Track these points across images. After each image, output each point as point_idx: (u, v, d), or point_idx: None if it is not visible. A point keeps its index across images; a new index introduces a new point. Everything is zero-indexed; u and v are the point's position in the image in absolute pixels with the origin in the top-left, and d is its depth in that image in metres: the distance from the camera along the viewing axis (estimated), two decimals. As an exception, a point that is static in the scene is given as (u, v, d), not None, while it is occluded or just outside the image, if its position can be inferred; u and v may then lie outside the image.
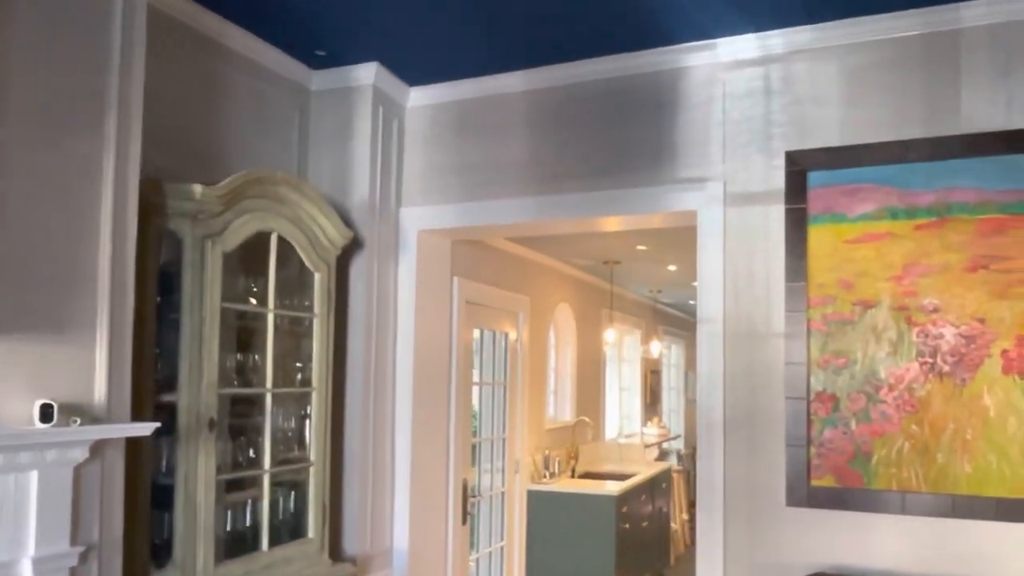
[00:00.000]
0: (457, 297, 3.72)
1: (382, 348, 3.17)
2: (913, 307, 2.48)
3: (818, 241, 2.62)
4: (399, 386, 3.23)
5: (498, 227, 3.34)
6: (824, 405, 2.56)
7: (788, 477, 2.58)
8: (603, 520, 4.48)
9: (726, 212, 2.78)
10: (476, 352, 4.15)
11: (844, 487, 2.52)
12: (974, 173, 2.45)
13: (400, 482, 3.19)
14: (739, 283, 2.74)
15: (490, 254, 4.34)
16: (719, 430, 2.70)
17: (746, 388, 2.69)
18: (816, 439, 2.56)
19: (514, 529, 4.38)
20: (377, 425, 3.11)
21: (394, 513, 3.18)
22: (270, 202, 2.53)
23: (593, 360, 6.11)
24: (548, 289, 5.28)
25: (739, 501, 2.67)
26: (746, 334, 2.71)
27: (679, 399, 9.40)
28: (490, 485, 4.15)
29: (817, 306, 2.60)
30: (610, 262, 5.45)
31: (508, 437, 4.33)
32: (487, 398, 4.14)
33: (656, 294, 7.41)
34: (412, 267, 3.27)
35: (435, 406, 3.43)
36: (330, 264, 2.81)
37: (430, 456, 3.37)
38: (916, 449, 2.44)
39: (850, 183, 2.60)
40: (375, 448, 3.08)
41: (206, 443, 2.17)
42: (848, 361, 2.55)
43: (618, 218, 3.07)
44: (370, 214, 3.12)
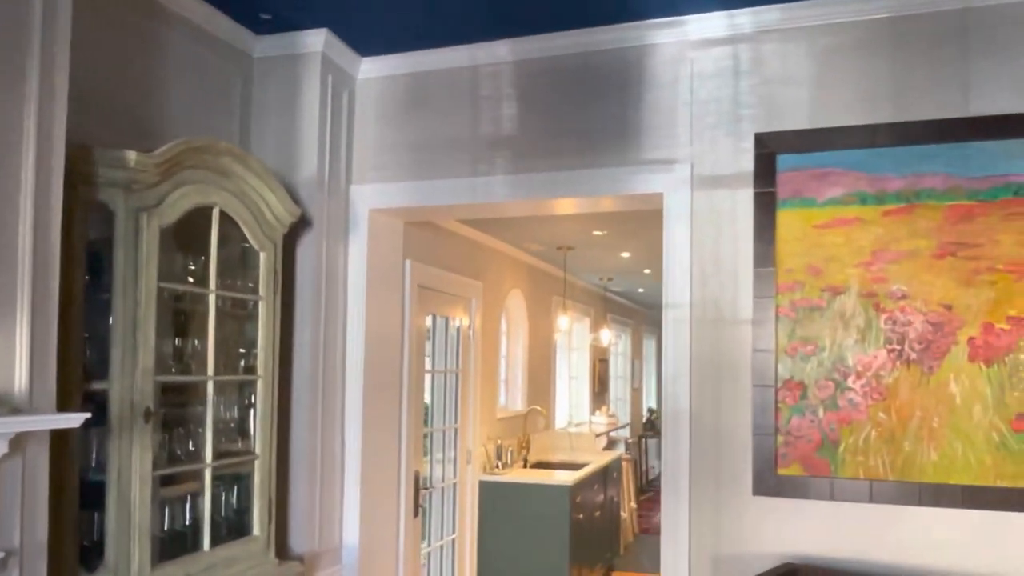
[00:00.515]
0: (409, 281, 3.58)
1: (331, 334, 3.02)
2: (882, 294, 2.47)
3: (787, 226, 2.59)
4: (349, 374, 3.08)
5: (454, 207, 3.22)
6: (792, 393, 2.54)
7: (755, 466, 2.55)
8: (557, 511, 4.42)
9: (693, 195, 2.72)
10: (428, 339, 4.02)
11: (811, 476, 2.50)
12: (943, 159, 2.45)
13: (350, 475, 3.05)
14: (706, 268, 2.69)
15: (443, 237, 4.21)
16: (684, 418, 2.66)
17: (712, 375, 2.65)
18: (783, 427, 2.54)
19: (466, 521, 4.28)
20: (326, 415, 2.96)
21: (344, 507, 3.04)
22: (212, 174, 2.35)
23: (544, 348, 6.05)
24: (501, 275, 5.18)
25: (705, 490, 2.63)
26: (713, 320, 2.67)
27: (626, 388, 9.45)
28: (442, 476, 4.04)
29: (785, 292, 2.57)
30: (564, 248, 5.37)
31: (460, 427, 4.22)
32: (439, 387, 4.02)
33: (606, 282, 7.39)
34: (363, 248, 3.12)
35: (387, 395, 3.29)
36: (276, 243, 2.64)
37: (381, 447, 3.23)
38: (883, 437, 2.44)
39: (819, 167, 2.57)
40: (324, 439, 2.93)
41: (141, 435, 2.00)
42: (816, 348, 2.53)
43: (580, 200, 2.98)
44: (318, 191, 2.95)
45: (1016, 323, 2.34)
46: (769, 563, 2.51)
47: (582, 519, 4.71)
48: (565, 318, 5.98)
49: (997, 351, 2.35)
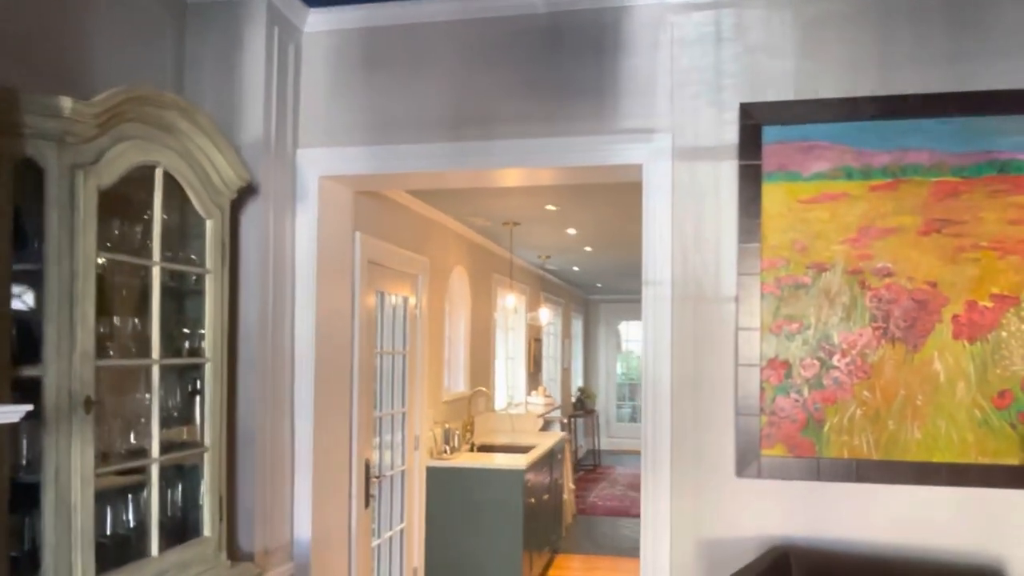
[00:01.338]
0: (359, 255, 3.36)
1: (279, 312, 2.78)
2: (867, 271, 2.45)
3: (771, 200, 2.53)
4: (299, 356, 2.85)
5: (413, 176, 3.01)
6: (776, 372, 2.50)
7: (738, 447, 2.51)
8: (510, 495, 4.31)
9: (674, 167, 2.63)
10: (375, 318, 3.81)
11: (796, 456, 2.48)
12: (928, 134, 2.44)
13: (301, 465, 2.83)
14: (687, 244, 2.61)
15: (390, 209, 3.99)
16: (665, 399, 2.58)
17: (694, 354, 2.58)
18: (767, 407, 2.50)
19: (414, 510, 4.11)
20: (274, 401, 2.73)
21: (294, 501, 2.83)
22: (155, 130, 2.08)
23: (485, 328, 5.91)
24: (445, 250, 4.99)
25: (686, 473, 2.57)
26: (694, 297, 2.60)
27: (556, 368, 9.45)
28: (390, 463, 3.86)
29: (770, 269, 2.52)
30: (510, 223, 5.23)
31: (408, 411, 4.04)
32: (386, 369, 3.82)
33: (544, 260, 7.31)
34: (312, 219, 2.89)
35: (337, 379, 3.08)
36: (224, 210, 2.39)
37: (332, 435, 3.03)
38: (868, 416, 2.44)
39: (805, 140, 2.52)
40: (272, 428, 2.71)
41: (81, 428, 1.74)
42: (801, 326, 2.49)
43: (552, 171, 2.84)
44: (264, 155, 2.70)
45: (999, 300, 2.37)
46: (753, 546, 2.48)
47: (534, 503, 4.63)
48: (512, 296, 5.85)
49: (980, 329, 2.38)
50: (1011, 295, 2.37)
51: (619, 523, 6.99)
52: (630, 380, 12.90)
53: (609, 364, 12.69)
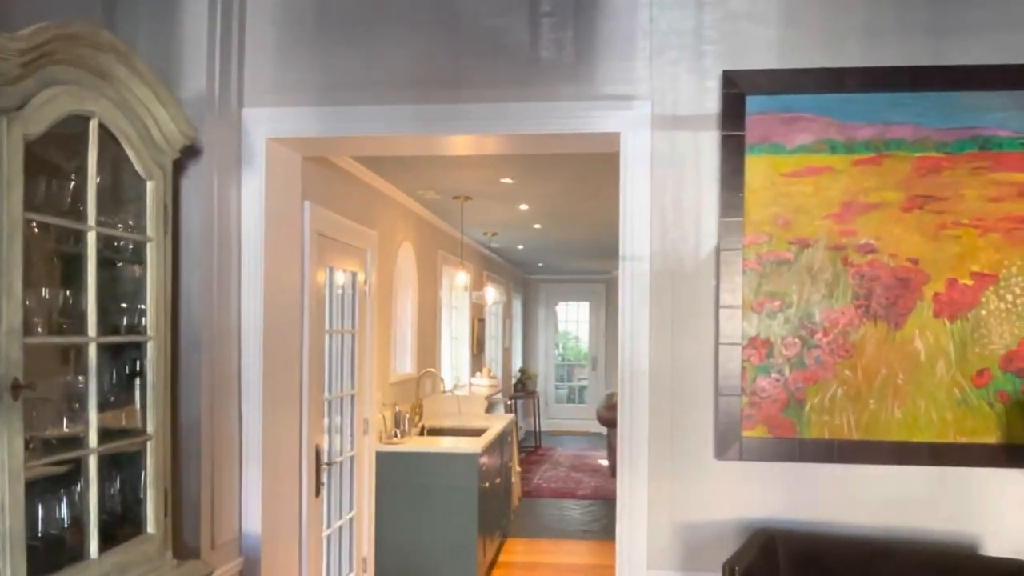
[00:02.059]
0: (308, 227, 3.15)
1: (224, 287, 2.56)
2: (850, 247, 2.41)
3: (754, 173, 2.46)
4: (246, 335, 2.64)
5: (370, 141, 2.80)
6: (757, 351, 2.45)
7: (718, 429, 2.45)
8: (465, 480, 4.18)
9: (653, 137, 2.53)
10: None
11: (776, 437, 2.43)
12: (912, 108, 2.41)
13: (250, 453, 2.63)
14: (666, 218, 2.52)
15: (339, 177, 3.77)
16: (643, 379, 2.49)
17: (672, 333, 2.50)
18: (748, 388, 2.44)
19: (363, 497, 3.94)
20: (221, 385, 2.52)
21: (243, 491, 2.63)
22: (89, 75, 1.84)
23: (431, 307, 5.74)
24: (394, 225, 4.79)
25: (663, 455, 2.49)
26: (673, 274, 2.51)
27: (498, 348, 9.35)
28: (339, 449, 3.67)
29: (752, 244, 2.45)
30: (462, 197, 5.06)
31: (357, 393, 3.85)
32: (335, 349, 3.62)
33: (491, 237, 7.16)
34: (260, 185, 2.67)
35: (286, 360, 2.88)
36: (166, 171, 2.15)
37: (282, 420, 2.83)
38: (849, 395, 2.41)
39: (788, 111, 2.45)
40: (218, 413, 2.50)
41: (9, 416, 1.52)
42: (783, 304, 2.44)
43: (521, 138, 2.69)
44: (207, 113, 2.47)
45: (979, 278, 2.37)
46: (733, 529, 2.43)
47: (488, 488, 4.52)
48: (463, 273, 5.69)
49: (961, 307, 2.37)
50: (991, 273, 2.36)
51: (565, 505, 6.97)
52: (567, 361, 12.93)
53: (548, 345, 12.68)
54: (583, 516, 6.59)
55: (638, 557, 2.49)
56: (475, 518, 4.19)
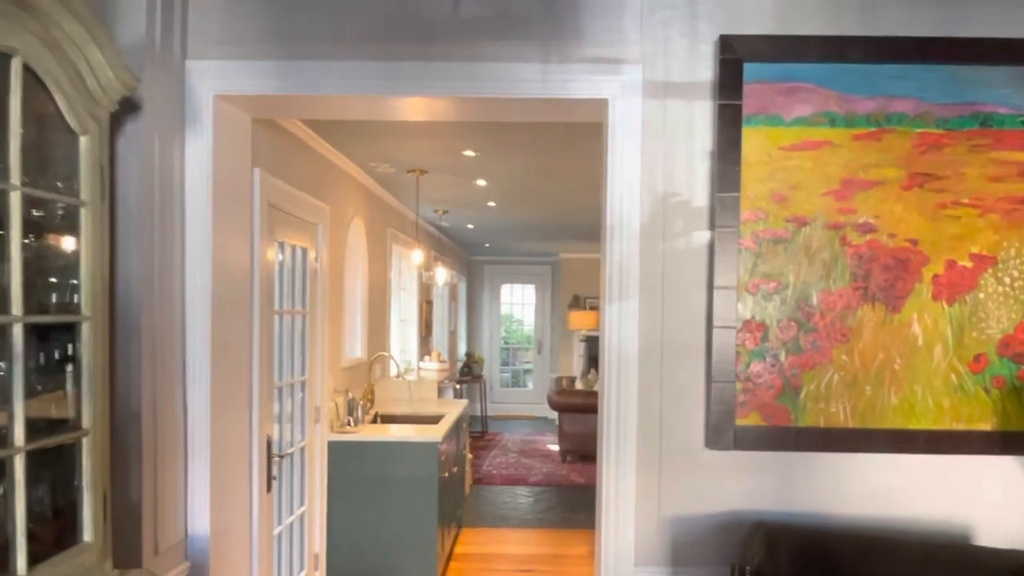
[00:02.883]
0: (259, 197, 2.89)
1: (167, 261, 2.30)
2: (849, 226, 2.31)
3: (751, 146, 2.33)
4: (191, 317, 2.38)
5: (331, 102, 2.55)
6: (752, 335, 2.33)
7: (710, 417, 2.33)
8: (425, 470, 3.98)
9: (643, 105, 2.38)
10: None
11: (771, 425, 2.33)
12: (913, 82, 2.32)
13: (196, 447, 2.38)
14: (656, 192, 2.37)
15: (290, 145, 3.50)
16: (632, 365, 2.35)
17: (662, 315, 2.37)
18: (743, 373, 2.33)
19: (315, 490, 3.70)
20: (163, 371, 2.26)
21: (189, 489, 2.38)
22: (9, 5, 1.56)
23: (380, 287, 5.49)
24: (345, 199, 4.52)
25: (651, 446, 2.37)
26: (663, 253, 2.37)
27: (444, 331, 9.14)
28: (290, 439, 3.43)
29: (748, 222, 2.33)
30: (417, 171, 4.82)
31: (308, 379, 3.61)
32: (285, 331, 3.37)
33: (441, 215, 6.92)
34: (206, 148, 2.40)
35: (235, 344, 2.63)
36: (102, 125, 1.88)
37: (231, 410, 2.58)
38: (845, 382, 2.32)
39: (787, 80, 2.33)
40: (161, 403, 2.25)
41: (-87, 414, 1.26)
42: (779, 285, 2.33)
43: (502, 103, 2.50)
44: (148, 64, 2.19)
45: (978, 260, 2.30)
46: (724, 521, 2.32)
47: (447, 477, 4.33)
48: (418, 252, 5.45)
49: (959, 289, 2.30)
50: (989, 255, 2.30)
51: (517, 492, 6.86)
52: (510, 344, 12.81)
53: (493, 328, 12.53)
54: (538, 504, 6.49)
55: (624, 553, 2.36)
56: (435, 510, 4.00)
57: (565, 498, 6.71)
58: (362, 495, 3.99)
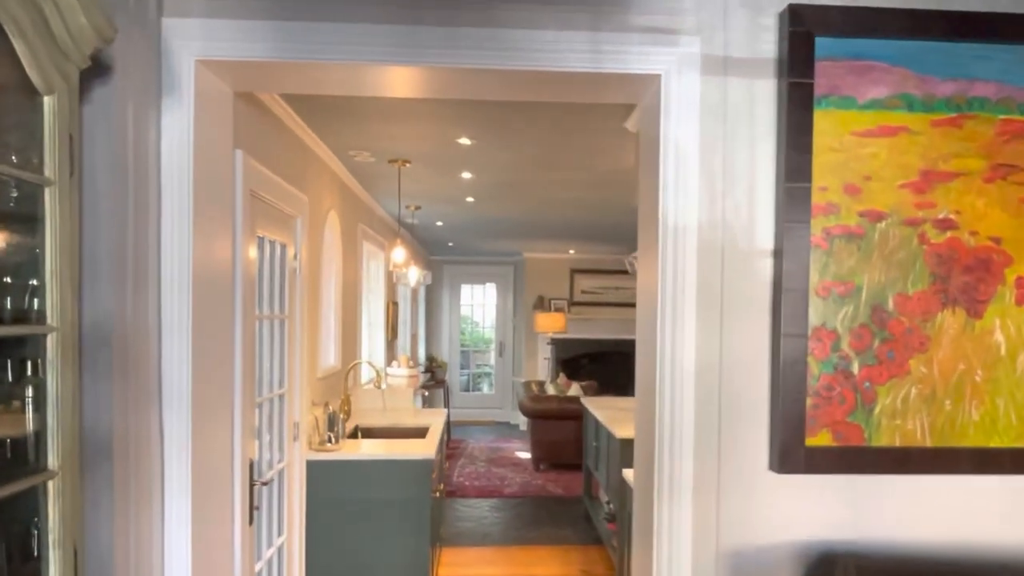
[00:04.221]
0: (241, 183, 2.53)
1: (141, 258, 1.94)
2: (929, 222, 2.09)
3: (821, 131, 2.09)
4: (169, 325, 2.02)
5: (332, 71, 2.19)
6: (822, 344, 2.09)
7: (778, 436, 2.07)
8: (417, 490, 3.64)
9: (702, 82, 2.12)
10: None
11: (843, 445, 2.09)
12: (996, 63, 2.10)
13: (175, 481, 2.02)
14: (714, 182, 2.11)
15: (271, 125, 3.13)
16: (689, 378, 2.09)
17: (721, 322, 2.11)
18: (811, 387, 2.09)
19: (294, 517, 3.33)
20: (138, 392, 1.90)
21: (167, 531, 2.01)
22: (-42, -79, 1.20)
23: (352, 288, 5.12)
24: (322, 189, 4.15)
25: (710, 470, 2.10)
26: (722, 250, 2.11)
27: (407, 334, 8.77)
28: (269, 461, 3.06)
29: (818, 216, 2.09)
30: (399, 161, 4.47)
31: (287, 392, 3.24)
32: (264, 339, 3.00)
33: (414, 211, 6.56)
34: (186, 122, 2.05)
35: (217, 356, 2.27)
36: (72, 83, 1.52)
37: (213, 434, 2.22)
38: (923, 395, 2.09)
39: (860, 58, 2.09)
40: (137, 431, 1.88)
41: None
42: (852, 288, 2.09)
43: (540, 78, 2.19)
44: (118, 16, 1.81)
45: (1066, 261, 2.11)
46: (791, 553, 2.07)
47: (437, 498, 4.00)
48: (401, 250, 5.08)
49: (1046, 293, 2.11)
50: (1077, 255, 2.11)
51: (494, 506, 6.53)
52: (464, 347, 12.48)
53: (453, 330, 12.18)
54: (518, 518, 6.18)
55: (680, 593, 2.09)
56: (427, 533, 3.67)
57: (545, 511, 6.43)
58: (347, 519, 3.63)
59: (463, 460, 8.53)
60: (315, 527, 3.60)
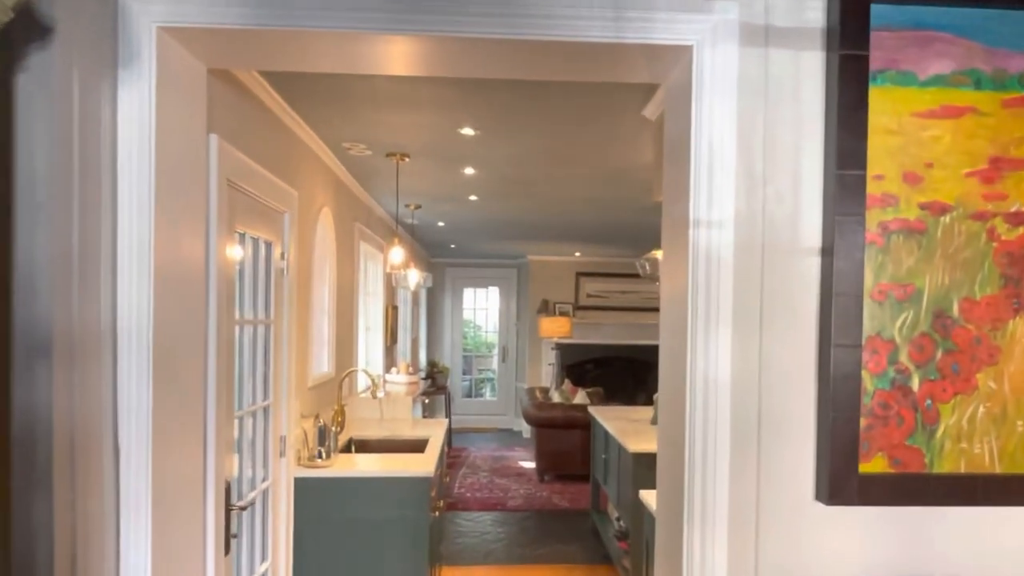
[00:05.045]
0: (216, 172, 2.28)
1: (91, 259, 1.70)
2: (999, 216, 1.84)
3: (877, 111, 1.83)
4: (126, 334, 1.76)
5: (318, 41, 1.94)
6: (877, 355, 1.83)
7: (826, 462, 1.81)
8: (414, 509, 3.37)
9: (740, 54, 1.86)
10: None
11: (901, 473, 1.82)
12: (1075, 33, 1.87)
13: (133, 517, 1.76)
14: (754, 167, 1.86)
15: (253, 109, 2.88)
16: (724, 395, 1.83)
17: (759, 332, 1.85)
18: (865, 406, 1.83)
19: (279, 541, 3.08)
20: (85, 413, 1.65)
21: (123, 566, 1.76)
22: None
23: (348, 291, 4.87)
24: (314, 184, 3.90)
25: (745, 499, 1.84)
26: (762, 247, 1.85)
27: (406, 339, 8.51)
28: (250, 480, 2.80)
29: (873, 208, 1.83)
30: (397, 155, 4.22)
31: (272, 404, 2.98)
32: (246, 347, 2.75)
33: (413, 211, 6.32)
34: (147, 99, 1.79)
35: (185, 364, 2.01)
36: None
37: (180, 450, 1.96)
38: (992, 415, 1.83)
39: (922, 28, 1.84)
40: (82, 460, 1.63)
41: None
42: (912, 291, 1.83)
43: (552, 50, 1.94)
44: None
45: None
46: (846, 603, 1.82)
47: (437, 516, 3.74)
48: (399, 249, 4.83)
49: None
50: None
51: (497, 520, 6.26)
52: (466, 352, 12.22)
53: (455, 335, 11.93)
54: (523, 533, 5.91)
55: (713, 643, 1.83)
56: (425, 555, 3.40)
57: (551, 525, 6.16)
58: (336, 542, 3.37)
59: (464, 470, 8.26)
60: (303, 550, 3.35)
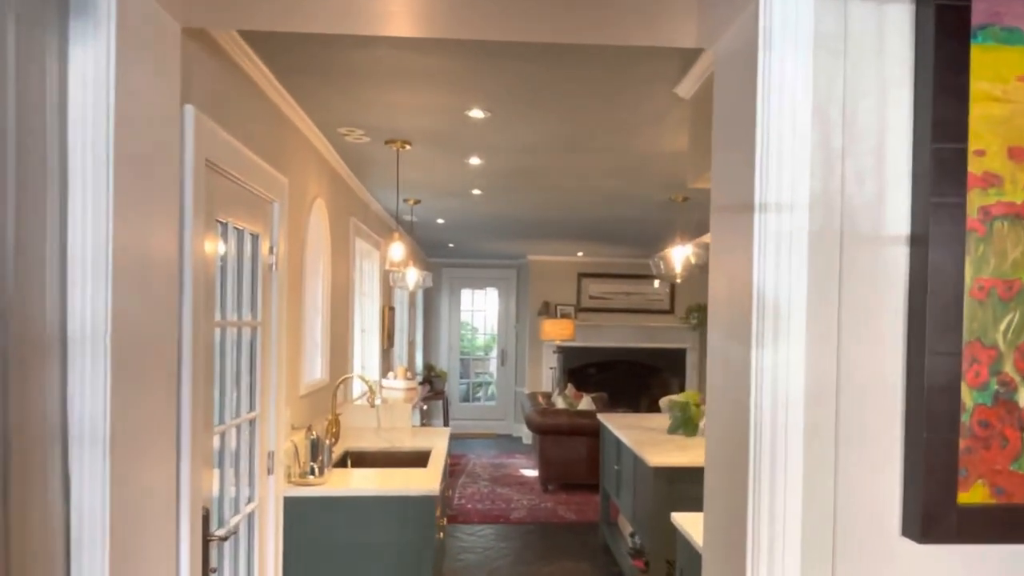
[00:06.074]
0: (192, 148, 1.99)
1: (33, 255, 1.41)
2: (1121, 199, 1.57)
3: (977, 74, 1.56)
4: (78, 342, 1.48)
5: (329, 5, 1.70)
6: (978, 365, 1.55)
7: (918, 491, 1.53)
8: (417, 531, 3.08)
9: (816, 4, 1.59)
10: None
11: (1005, 504, 1.55)
12: None
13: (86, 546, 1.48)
14: (830, 138, 1.58)
15: (238, 82, 2.59)
16: (795, 409, 1.55)
17: (837, 337, 1.57)
18: (964, 424, 1.55)
19: (267, 566, 2.78)
20: (27, 435, 1.36)
21: (71, 624, 1.47)
22: None
23: (343, 290, 4.58)
24: (307, 172, 3.61)
25: (820, 533, 1.56)
26: (840, 235, 1.57)
27: (403, 341, 8.22)
28: (233, 502, 2.51)
29: (974, 189, 1.55)
30: (397, 142, 3.94)
31: (260, 416, 2.69)
32: (228, 351, 2.46)
33: (413, 206, 6.03)
34: (104, 59, 1.51)
35: (155, 372, 1.72)
36: None
37: (145, 477, 1.68)
38: (1114, 435, 1.56)
39: (1027, -24, 1.57)
40: (18, 491, 1.34)
41: None
42: (1019, 289, 1.55)
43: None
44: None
45: None
46: (944, 662, 1.53)
47: (442, 537, 3.46)
48: (399, 245, 4.54)
49: None
50: None
51: (500, 533, 5.96)
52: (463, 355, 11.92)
53: (452, 338, 11.63)
54: (528, 549, 5.62)
55: None
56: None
57: (558, 539, 5.87)
58: (331, 567, 3.08)
59: (464, 479, 7.96)
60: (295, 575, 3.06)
